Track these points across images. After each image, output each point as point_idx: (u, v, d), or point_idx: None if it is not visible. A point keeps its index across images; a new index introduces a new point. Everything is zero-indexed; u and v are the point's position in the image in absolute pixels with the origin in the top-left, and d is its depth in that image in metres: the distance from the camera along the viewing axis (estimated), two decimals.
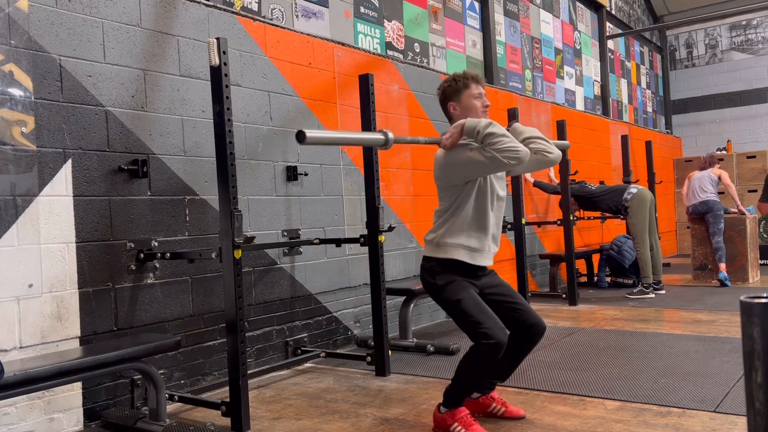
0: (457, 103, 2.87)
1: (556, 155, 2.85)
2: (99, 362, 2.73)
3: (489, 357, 2.67)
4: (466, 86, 2.86)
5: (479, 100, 2.86)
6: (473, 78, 2.89)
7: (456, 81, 2.88)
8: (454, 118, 2.89)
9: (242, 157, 4.05)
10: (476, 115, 2.83)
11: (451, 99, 2.89)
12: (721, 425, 2.80)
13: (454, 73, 2.95)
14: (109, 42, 3.39)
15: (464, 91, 2.86)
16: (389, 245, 5.05)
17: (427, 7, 6.14)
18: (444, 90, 2.92)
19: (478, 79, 2.90)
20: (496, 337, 2.63)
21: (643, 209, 6.55)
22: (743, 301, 1.15)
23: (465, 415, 2.78)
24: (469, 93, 2.85)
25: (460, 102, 2.86)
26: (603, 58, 10.00)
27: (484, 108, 2.87)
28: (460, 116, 2.86)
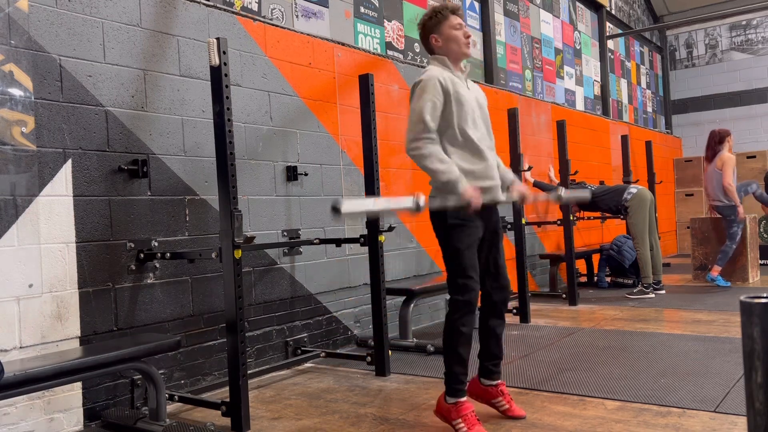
0: (438, 35, 2.92)
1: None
2: (99, 362, 2.73)
3: (463, 312, 2.75)
4: (446, 17, 2.91)
5: (460, 30, 2.91)
6: (452, 9, 2.93)
7: (436, 14, 2.92)
8: (435, 50, 2.94)
9: (242, 157, 4.05)
10: (458, 41, 2.89)
11: (432, 31, 2.94)
12: (721, 425, 2.80)
13: (432, 6, 2.99)
14: (109, 42, 3.39)
15: (444, 23, 2.91)
16: (389, 245, 5.05)
17: (427, 7, 6.14)
18: (425, 23, 2.97)
19: (456, 9, 2.95)
20: (472, 295, 2.75)
21: (643, 209, 6.56)
22: (743, 301, 1.15)
23: (470, 412, 2.78)
24: (449, 23, 2.90)
25: (441, 33, 2.92)
26: (603, 58, 10.00)
27: (466, 38, 2.92)
28: (442, 47, 2.91)
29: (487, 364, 3.03)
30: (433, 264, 5.69)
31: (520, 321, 5.48)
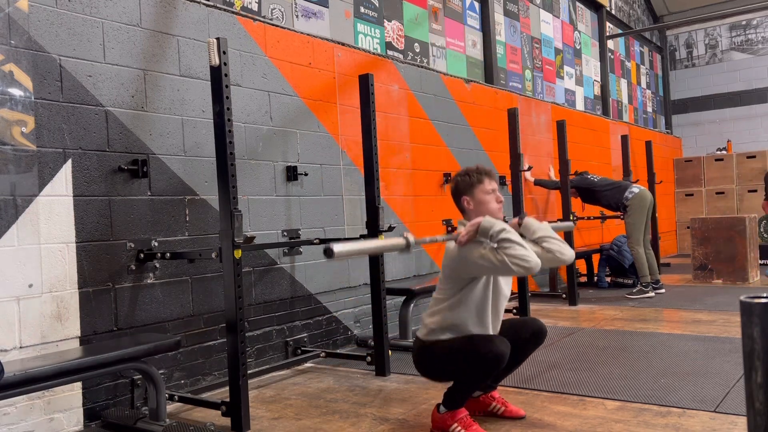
0: (471, 197, 2.87)
1: (568, 256, 2.83)
2: (99, 362, 2.73)
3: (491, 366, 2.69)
4: (480, 181, 2.86)
5: (492, 195, 2.86)
6: (486, 173, 2.88)
7: (469, 176, 2.88)
8: (466, 212, 2.89)
9: (242, 157, 4.05)
10: (489, 209, 2.83)
11: (464, 193, 2.88)
12: (721, 425, 2.80)
13: (467, 168, 2.94)
14: (109, 42, 3.39)
15: (477, 186, 2.85)
16: None
17: (427, 7, 6.14)
18: (457, 183, 2.91)
19: (491, 174, 2.90)
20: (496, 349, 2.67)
21: (642, 210, 6.57)
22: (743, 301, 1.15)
23: (465, 416, 2.78)
24: (483, 188, 2.85)
25: (473, 197, 2.86)
26: (603, 58, 10.00)
27: (499, 203, 2.87)
28: (473, 210, 2.86)
29: (489, 381, 3.01)
30: (433, 264, 5.70)
31: None
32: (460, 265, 2.77)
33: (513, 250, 2.59)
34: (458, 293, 2.80)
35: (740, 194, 10.81)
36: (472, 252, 2.70)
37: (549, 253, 2.82)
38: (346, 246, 2.29)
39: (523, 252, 2.59)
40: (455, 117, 6.12)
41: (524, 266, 2.58)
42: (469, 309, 2.78)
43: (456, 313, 2.79)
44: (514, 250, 2.59)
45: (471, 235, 2.71)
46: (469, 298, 2.78)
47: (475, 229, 2.70)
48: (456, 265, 2.79)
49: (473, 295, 2.78)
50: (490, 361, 2.65)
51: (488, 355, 2.65)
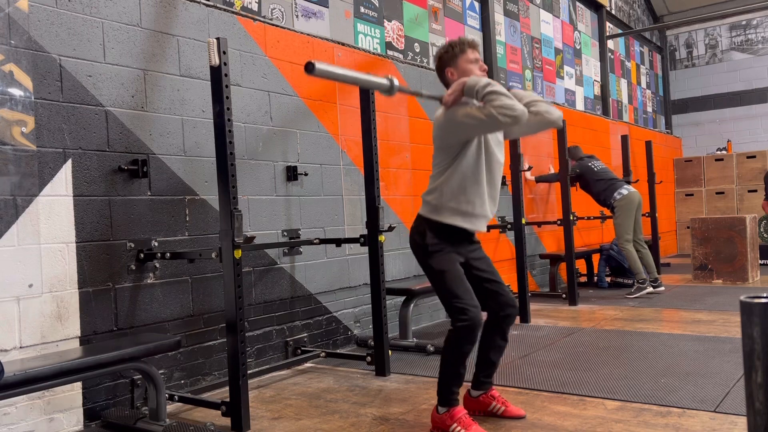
0: (454, 68, 2.87)
1: (556, 116, 2.83)
2: (99, 362, 2.73)
3: (466, 335, 2.71)
4: (463, 51, 2.86)
5: (476, 64, 2.87)
6: (469, 43, 2.89)
7: (452, 47, 2.88)
8: (450, 84, 2.89)
9: (242, 157, 4.05)
10: None
11: (448, 65, 2.89)
12: (721, 425, 2.80)
13: (449, 40, 2.95)
14: (109, 42, 3.39)
15: (461, 56, 2.86)
16: (389, 245, 5.05)
17: (427, 7, 6.14)
18: (440, 56, 2.92)
19: (474, 44, 2.90)
20: (472, 315, 2.69)
21: (630, 211, 6.66)
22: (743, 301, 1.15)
23: (464, 415, 2.78)
24: (466, 58, 2.86)
25: (456, 67, 2.87)
26: (603, 58, 10.00)
27: (482, 72, 2.87)
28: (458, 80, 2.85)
29: (480, 375, 3.03)
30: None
31: (520, 321, 5.48)
32: (449, 129, 2.77)
33: (499, 101, 2.60)
34: (452, 163, 2.79)
35: (740, 194, 10.81)
36: (458, 111, 2.71)
37: (537, 115, 2.81)
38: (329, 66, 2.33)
39: (509, 101, 2.59)
40: None
41: (511, 114, 2.57)
42: (465, 176, 2.78)
43: (452, 183, 2.79)
44: (500, 100, 2.59)
45: (457, 95, 2.72)
46: (462, 165, 2.78)
47: (461, 88, 2.71)
48: (444, 131, 2.80)
49: (466, 162, 2.78)
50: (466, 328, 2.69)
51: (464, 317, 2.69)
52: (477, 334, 2.75)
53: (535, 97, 2.88)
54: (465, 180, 2.79)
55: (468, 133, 2.75)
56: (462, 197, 2.80)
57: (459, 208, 2.81)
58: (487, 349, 2.98)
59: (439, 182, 2.84)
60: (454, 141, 2.79)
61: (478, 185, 2.81)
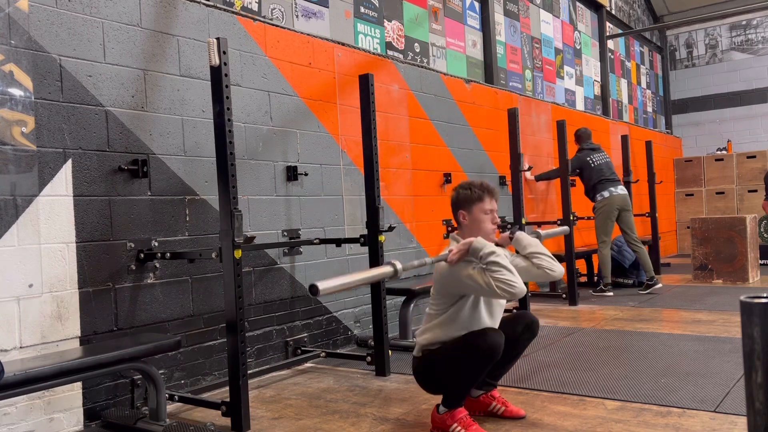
0: (467, 212, 2.87)
1: (558, 273, 2.87)
2: (99, 362, 2.73)
3: (486, 358, 2.70)
4: (480, 199, 2.85)
5: (489, 215, 2.86)
6: (489, 191, 2.87)
7: (471, 190, 2.87)
8: (461, 225, 2.90)
9: (242, 157, 4.05)
10: (483, 229, 2.84)
11: (462, 207, 2.88)
12: (721, 425, 2.80)
13: (471, 181, 2.93)
14: (109, 42, 3.39)
15: (477, 204, 2.85)
16: (389, 245, 5.05)
17: (427, 7, 6.14)
18: (458, 195, 2.91)
19: (493, 193, 2.88)
20: (492, 340, 2.69)
21: (607, 214, 6.75)
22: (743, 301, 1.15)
23: (464, 415, 2.78)
24: (481, 206, 2.85)
25: (470, 212, 2.86)
26: (603, 58, 10.00)
27: (494, 225, 2.87)
28: (468, 226, 2.87)
29: (486, 377, 3.01)
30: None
31: None
32: (450, 282, 2.79)
33: (500, 274, 2.62)
34: (449, 309, 2.82)
35: (740, 194, 10.81)
36: (461, 271, 2.73)
37: (539, 269, 2.86)
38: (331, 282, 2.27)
39: (509, 277, 2.62)
40: (455, 117, 6.12)
41: (509, 291, 2.61)
42: (459, 326, 2.80)
43: (447, 330, 2.81)
44: (501, 274, 2.62)
45: (461, 255, 2.74)
46: (460, 314, 2.80)
47: (466, 249, 2.73)
48: (445, 282, 2.82)
49: (463, 313, 2.80)
50: (485, 351, 2.66)
51: (483, 346, 2.67)
52: (498, 356, 2.72)
53: (539, 249, 2.90)
54: (461, 328, 2.79)
55: (467, 291, 2.78)
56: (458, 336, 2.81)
57: None
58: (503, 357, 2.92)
59: (434, 325, 2.85)
60: (453, 292, 2.81)
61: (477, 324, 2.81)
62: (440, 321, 2.83)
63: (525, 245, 2.91)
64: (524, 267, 2.89)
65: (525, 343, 2.99)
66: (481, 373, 2.76)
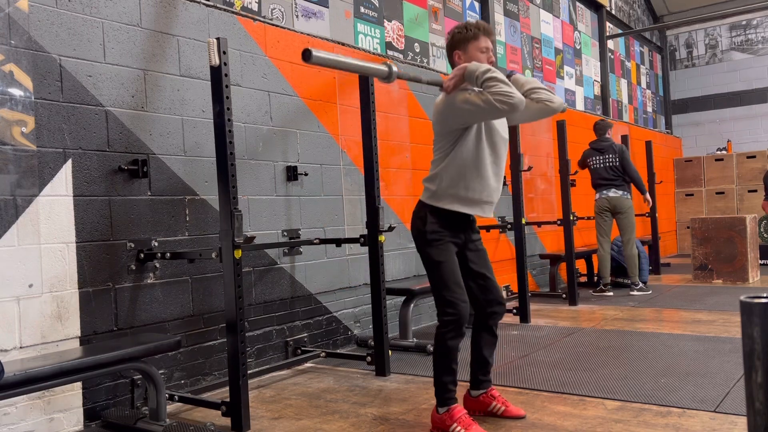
0: (463, 52, 2.84)
1: (558, 104, 2.82)
2: (99, 362, 2.73)
3: (452, 329, 2.74)
4: (475, 37, 2.83)
5: (485, 54, 2.83)
6: (484, 29, 2.85)
7: (467, 29, 2.84)
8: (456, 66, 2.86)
9: (242, 157, 4.05)
10: None
11: (457, 47, 2.86)
12: (721, 425, 2.80)
13: (466, 21, 2.92)
14: (109, 42, 3.39)
15: (472, 42, 2.83)
16: (389, 245, 5.05)
17: (427, 7, 6.14)
18: (453, 36, 2.88)
19: (488, 31, 2.86)
20: (459, 309, 2.73)
21: (597, 215, 6.93)
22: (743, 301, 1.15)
23: (463, 415, 2.78)
24: (477, 44, 2.82)
25: (465, 51, 2.84)
26: (603, 58, 10.00)
27: (489, 62, 2.84)
28: None
29: (478, 374, 3.03)
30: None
31: (519, 321, 5.48)
32: (448, 114, 2.76)
33: (497, 87, 2.59)
34: (451, 149, 2.78)
35: (740, 194, 10.81)
36: (457, 97, 2.71)
37: (539, 102, 2.80)
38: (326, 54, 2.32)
39: (506, 89, 2.59)
40: None
41: (508, 102, 2.57)
42: (464, 162, 2.77)
43: (452, 170, 2.78)
44: (498, 87, 2.59)
45: (457, 80, 2.71)
46: (462, 151, 2.77)
47: (461, 73, 2.70)
48: (444, 116, 2.79)
49: (466, 148, 2.77)
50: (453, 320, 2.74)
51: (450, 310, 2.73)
52: (463, 328, 2.77)
53: (536, 84, 2.87)
54: (465, 166, 2.79)
55: (467, 119, 2.74)
56: (461, 183, 2.80)
57: (458, 194, 2.80)
58: (479, 346, 2.99)
59: (438, 168, 2.84)
60: (453, 126, 2.78)
61: (478, 171, 2.80)
62: (446, 163, 2.79)
63: (522, 84, 2.86)
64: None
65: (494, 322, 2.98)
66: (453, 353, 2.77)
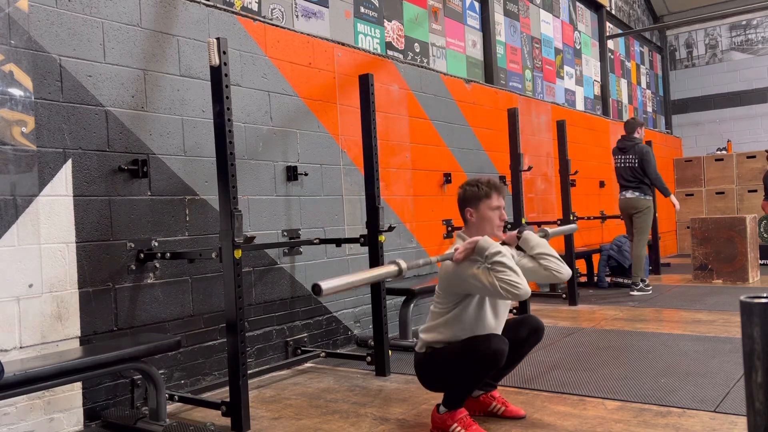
0: (475, 210, 2.86)
1: (565, 275, 2.85)
2: (99, 362, 2.73)
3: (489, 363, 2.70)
4: (488, 196, 2.84)
5: (496, 212, 2.85)
6: (496, 188, 2.87)
7: (478, 187, 2.86)
8: (468, 223, 2.89)
9: (242, 157, 4.05)
10: (491, 226, 2.84)
11: (469, 204, 2.88)
12: (721, 425, 2.80)
13: (478, 178, 2.93)
14: (109, 42, 3.39)
15: (484, 200, 2.84)
16: (389, 245, 5.05)
17: (427, 7, 6.14)
18: (465, 192, 2.90)
19: (500, 189, 2.88)
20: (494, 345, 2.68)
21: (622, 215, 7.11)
22: (743, 301, 1.15)
23: (464, 415, 2.78)
24: (488, 203, 2.84)
25: (477, 210, 2.85)
26: (603, 58, 10.00)
27: (501, 222, 2.87)
28: (475, 223, 2.86)
29: (488, 379, 3.01)
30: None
31: None
32: (454, 281, 2.79)
33: (504, 274, 2.61)
34: (453, 309, 2.81)
35: (740, 194, 10.81)
36: (466, 270, 2.73)
37: (546, 271, 2.85)
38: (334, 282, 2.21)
39: (513, 278, 2.61)
40: (455, 117, 6.12)
41: (513, 292, 2.60)
42: (464, 326, 2.79)
43: (452, 330, 2.80)
44: (506, 275, 2.61)
45: (467, 253, 2.73)
46: (464, 314, 2.79)
47: (472, 247, 2.72)
48: (450, 281, 2.81)
49: (468, 312, 2.79)
50: (488, 357, 2.66)
51: (486, 352, 2.66)
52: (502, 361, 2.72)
53: (547, 250, 2.88)
54: (464, 329, 2.79)
55: (471, 291, 2.76)
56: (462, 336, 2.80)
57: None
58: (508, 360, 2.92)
59: (438, 323, 2.85)
60: (458, 291, 2.80)
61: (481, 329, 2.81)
62: (445, 320, 2.82)
63: (533, 245, 2.90)
64: (531, 268, 2.88)
65: (529, 347, 3.00)
66: (483, 378, 2.77)
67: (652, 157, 6.89)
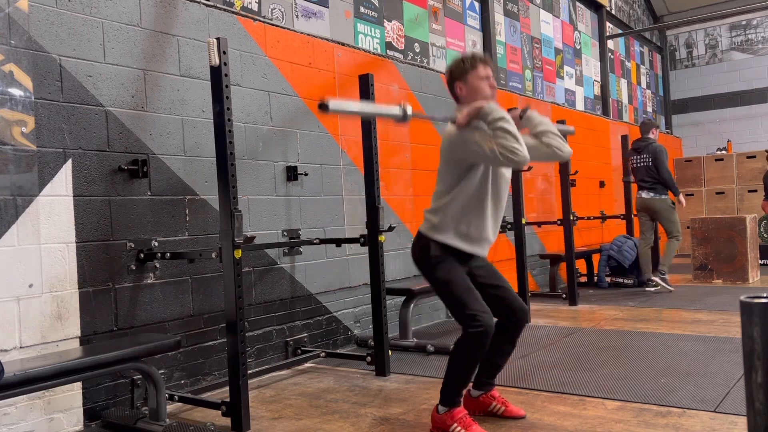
0: (464, 83, 2.85)
1: (567, 153, 2.85)
2: (99, 362, 2.73)
3: (477, 343, 2.69)
4: (474, 67, 2.83)
5: (486, 81, 2.84)
6: (481, 59, 2.86)
7: (464, 62, 2.86)
8: (460, 99, 2.87)
9: (242, 157, 4.05)
10: (482, 96, 2.82)
11: (458, 79, 2.87)
12: (721, 425, 2.80)
13: (462, 54, 2.93)
14: (109, 42, 3.39)
15: (471, 72, 2.83)
16: (389, 245, 5.04)
17: (427, 7, 6.14)
18: (452, 70, 2.90)
19: (486, 60, 2.87)
20: (484, 321, 2.68)
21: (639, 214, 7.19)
22: (743, 301, 1.15)
23: (464, 415, 2.78)
24: (476, 74, 2.83)
25: (466, 82, 2.84)
26: (603, 58, 10.00)
27: (491, 89, 2.85)
28: (467, 97, 2.84)
29: (483, 376, 3.02)
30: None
31: None
32: (458, 148, 2.77)
33: (505, 140, 2.60)
34: (457, 183, 2.79)
35: (740, 194, 10.81)
36: (467, 135, 2.71)
37: (548, 148, 2.83)
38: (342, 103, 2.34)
39: (514, 144, 2.60)
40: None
41: (512, 158, 2.60)
42: (468, 199, 2.78)
43: (455, 205, 2.79)
44: (507, 140, 2.60)
45: (472, 115, 2.71)
46: (467, 188, 2.78)
47: (477, 111, 2.71)
48: (454, 149, 2.79)
49: (472, 185, 2.77)
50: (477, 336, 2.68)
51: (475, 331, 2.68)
52: (489, 340, 2.72)
53: (550, 128, 2.87)
54: (468, 204, 2.79)
55: (472, 158, 2.75)
56: (464, 219, 2.80)
57: (460, 230, 2.81)
58: (494, 352, 2.95)
59: (442, 203, 2.84)
60: (462, 158, 2.78)
61: (481, 210, 2.81)
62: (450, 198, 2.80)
63: (536, 123, 2.87)
64: (533, 145, 2.84)
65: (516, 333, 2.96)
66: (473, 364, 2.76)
67: (665, 156, 6.95)
